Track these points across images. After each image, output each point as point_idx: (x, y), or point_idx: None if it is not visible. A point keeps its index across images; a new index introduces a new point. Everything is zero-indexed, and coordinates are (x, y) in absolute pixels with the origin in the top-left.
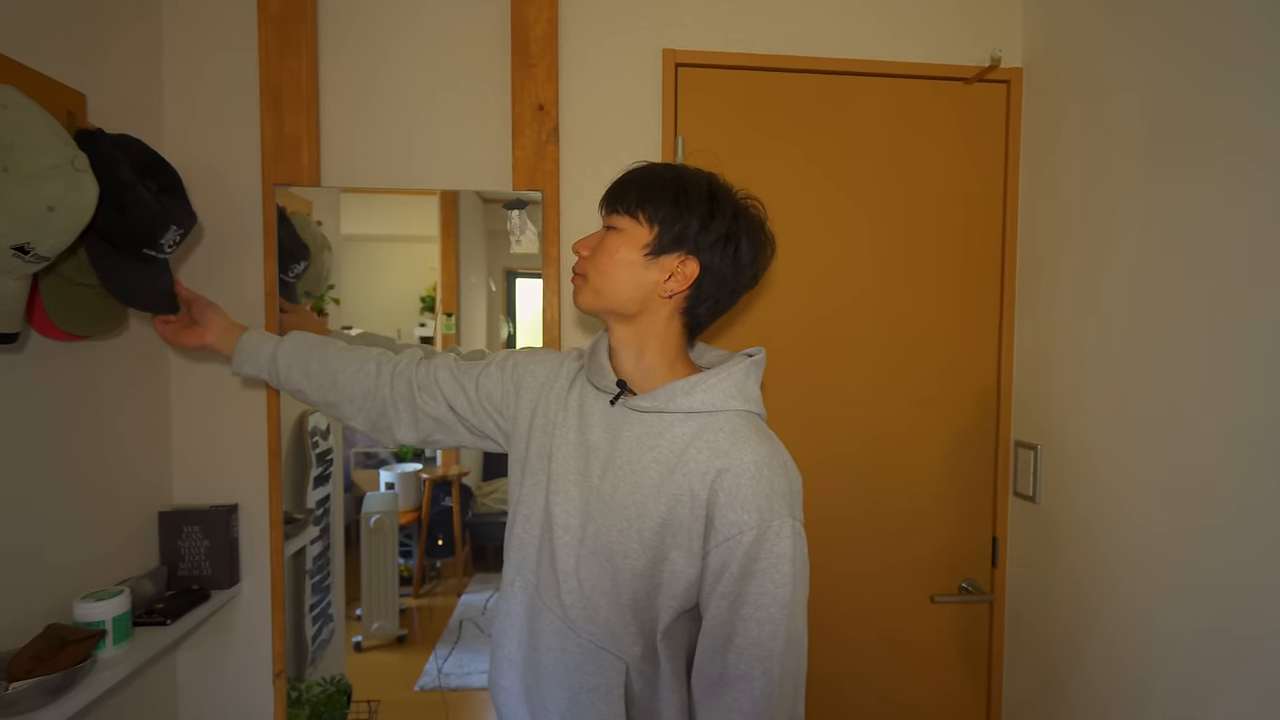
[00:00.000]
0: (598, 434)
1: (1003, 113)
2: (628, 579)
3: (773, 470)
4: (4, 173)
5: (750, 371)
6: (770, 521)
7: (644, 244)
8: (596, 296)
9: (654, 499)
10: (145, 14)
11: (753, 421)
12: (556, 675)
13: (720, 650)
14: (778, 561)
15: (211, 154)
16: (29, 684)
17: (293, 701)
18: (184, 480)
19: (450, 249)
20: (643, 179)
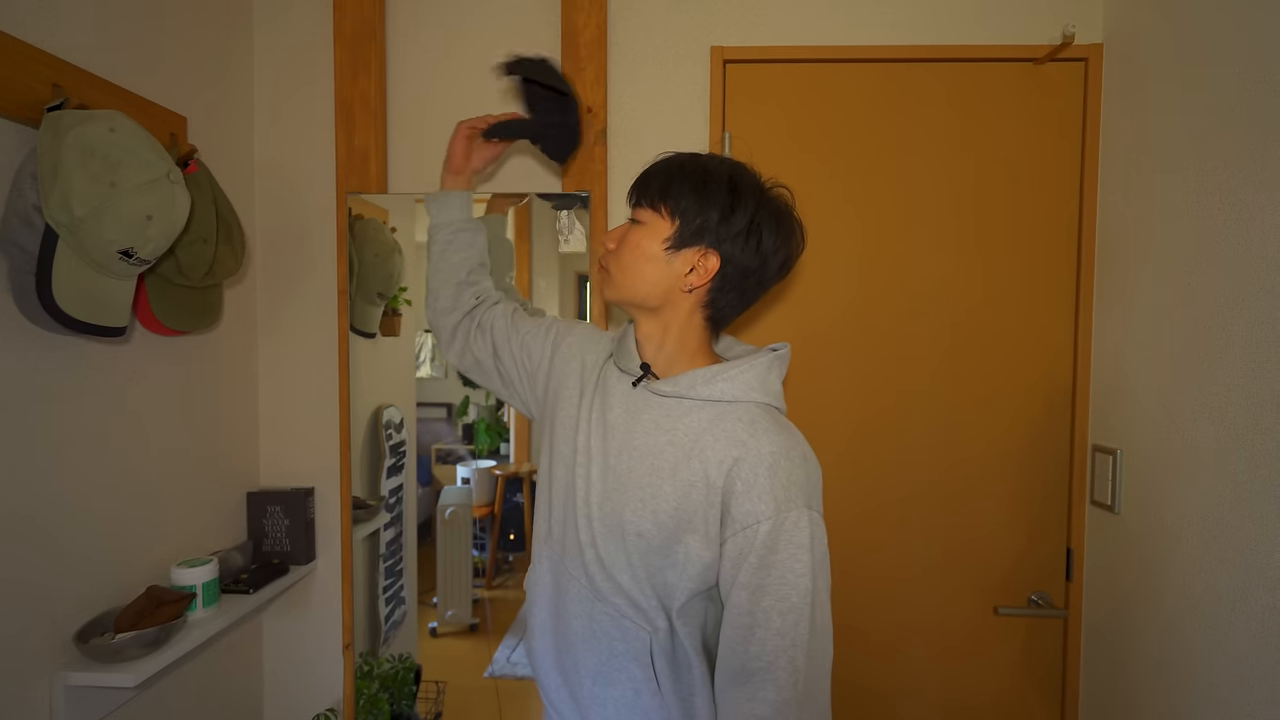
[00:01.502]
0: (617, 414)
1: (1079, 92)
2: (641, 555)
3: (790, 461)
4: (112, 187)
5: (773, 365)
6: (787, 512)
7: (665, 237)
8: (618, 290)
9: (669, 482)
10: (239, 42)
11: (771, 414)
12: (585, 640)
13: (743, 641)
14: (797, 552)
15: (294, 165)
16: (131, 635)
17: (364, 675)
18: (269, 464)
19: (524, 254)
20: (666, 170)
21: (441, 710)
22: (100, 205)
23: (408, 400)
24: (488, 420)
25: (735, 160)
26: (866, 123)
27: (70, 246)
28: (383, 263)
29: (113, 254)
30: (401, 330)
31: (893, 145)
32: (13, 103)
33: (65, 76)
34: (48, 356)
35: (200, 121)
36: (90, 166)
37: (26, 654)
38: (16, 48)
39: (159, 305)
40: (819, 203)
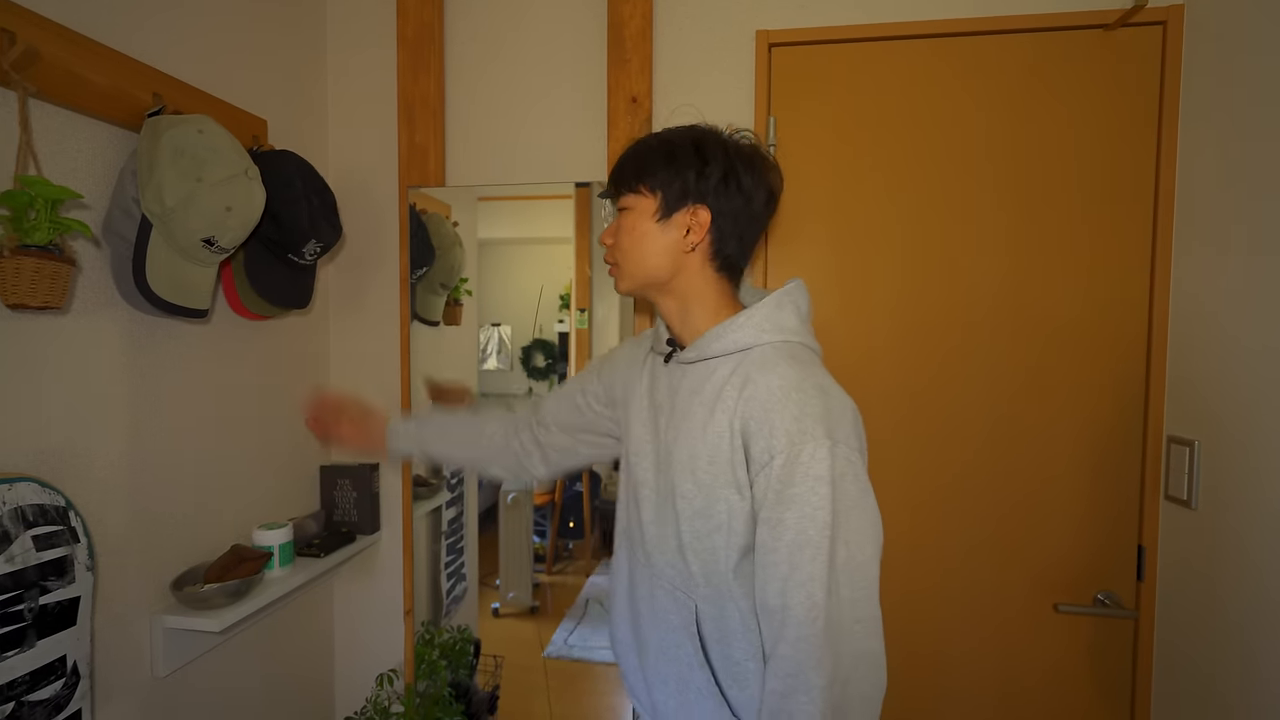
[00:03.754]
0: (663, 393)
1: (1156, 59)
2: (687, 519)
3: (802, 392)
4: (198, 182)
5: (782, 302)
6: (803, 444)
7: (653, 211)
8: (631, 277)
9: (700, 439)
10: (314, 49)
11: (786, 350)
12: (650, 619)
13: (764, 579)
14: (815, 485)
15: (362, 162)
16: (216, 586)
17: (426, 642)
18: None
19: (584, 249)
20: (633, 156)
21: (499, 683)
22: (188, 197)
23: (469, 386)
24: None
25: (693, 125)
26: (918, 101)
27: (161, 235)
28: (445, 255)
29: (197, 242)
30: (463, 320)
31: (947, 124)
32: (122, 111)
33: (163, 86)
34: (145, 336)
35: (279, 123)
36: (180, 164)
37: (132, 597)
38: (126, 63)
39: (245, 292)
40: (869, 185)
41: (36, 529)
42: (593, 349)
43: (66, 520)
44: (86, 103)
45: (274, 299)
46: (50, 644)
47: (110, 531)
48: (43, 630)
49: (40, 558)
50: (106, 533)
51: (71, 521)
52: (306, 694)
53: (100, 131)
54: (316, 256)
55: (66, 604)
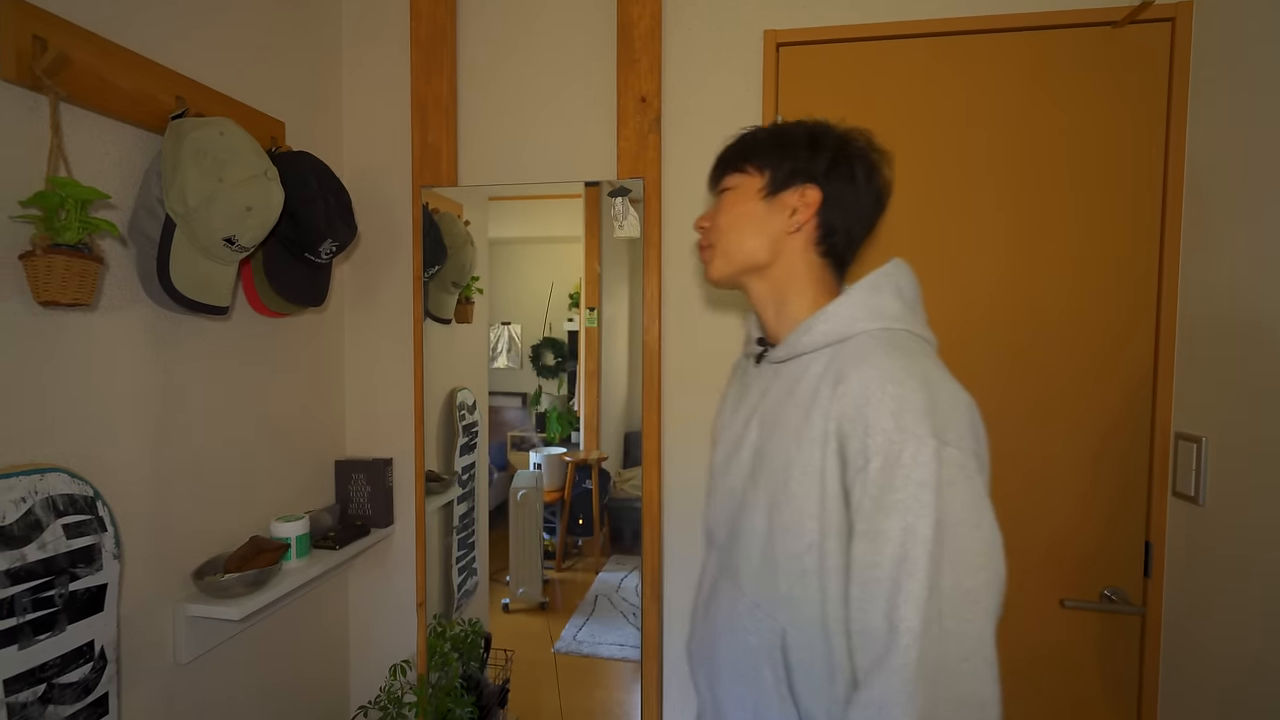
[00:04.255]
0: (754, 396)
1: (1164, 57)
2: (778, 534)
3: (901, 385)
4: (219, 183)
5: (880, 286)
6: (904, 444)
7: (759, 188)
8: (727, 258)
9: (795, 446)
10: (330, 52)
11: (886, 337)
12: (724, 634)
13: (857, 599)
14: (917, 491)
15: (376, 163)
16: (236, 576)
17: (438, 635)
18: (354, 436)
19: (593, 248)
20: (741, 141)
21: (509, 677)
22: (210, 197)
23: (480, 384)
24: (559, 409)
25: (800, 119)
26: (926, 101)
27: (184, 234)
28: (457, 253)
29: (218, 241)
30: (474, 318)
31: (954, 123)
32: (148, 114)
33: (185, 89)
34: (168, 332)
35: (296, 124)
36: (202, 164)
37: (156, 585)
38: (151, 67)
39: (264, 289)
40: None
41: (66, 518)
42: (602, 348)
43: (94, 510)
44: (114, 106)
45: (291, 297)
46: (79, 629)
47: (135, 521)
48: (72, 615)
49: (70, 545)
50: (132, 522)
51: (99, 511)
52: (322, 683)
53: (126, 134)
54: (332, 255)
55: (95, 590)
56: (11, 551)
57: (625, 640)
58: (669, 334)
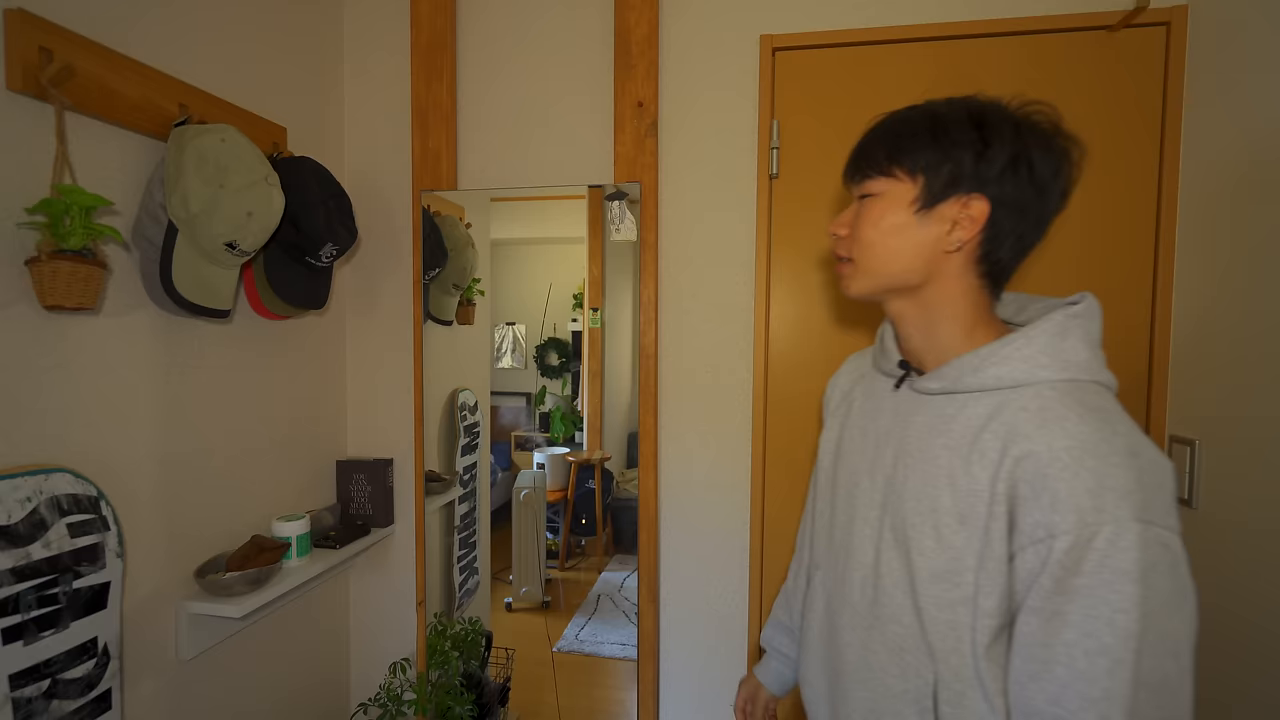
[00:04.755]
0: (887, 420)
1: (1159, 61)
2: (925, 580)
3: (1101, 458)
4: (221, 188)
5: (1069, 329)
6: (1100, 525)
7: (911, 200)
8: (869, 277)
9: (948, 492)
10: (332, 58)
11: (1076, 393)
12: (857, 673)
13: (1033, 677)
14: (1115, 580)
15: (376, 167)
16: (237, 574)
17: (438, 633)
18: (355, 436)
19: (596, 249)
20: (887, 131)
21: (510, 675)
22: (211, 203)
23: (482, 385)
24: (563, 409)
25: (968, 95)
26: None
27: (186, 239)
28: (457, 256)
29: (220, 245)
30: (476, 319)
31: None
32: (151, 122)
33: (188, 97)
34: (171, 335)
35: (298, 130)
36: (204, 171)
37: (158, 583)
38: (154, 76)
39: (265, 292)
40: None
41: (70, 517)
42: (605, 348)
43: (98, 509)
44: (118, 114)
45: (292, 300)
46: (83, 626)
47: (138, 520)
48: (76, 613)
49: (74, 544)
50: (134, 522)
51: (103, 511)
52: (322, 680)
53: (130, 141)
54: (333, 259)
55: (98, 588)
56: (17, 550)
57: (627, 640)
58: (665, 337)
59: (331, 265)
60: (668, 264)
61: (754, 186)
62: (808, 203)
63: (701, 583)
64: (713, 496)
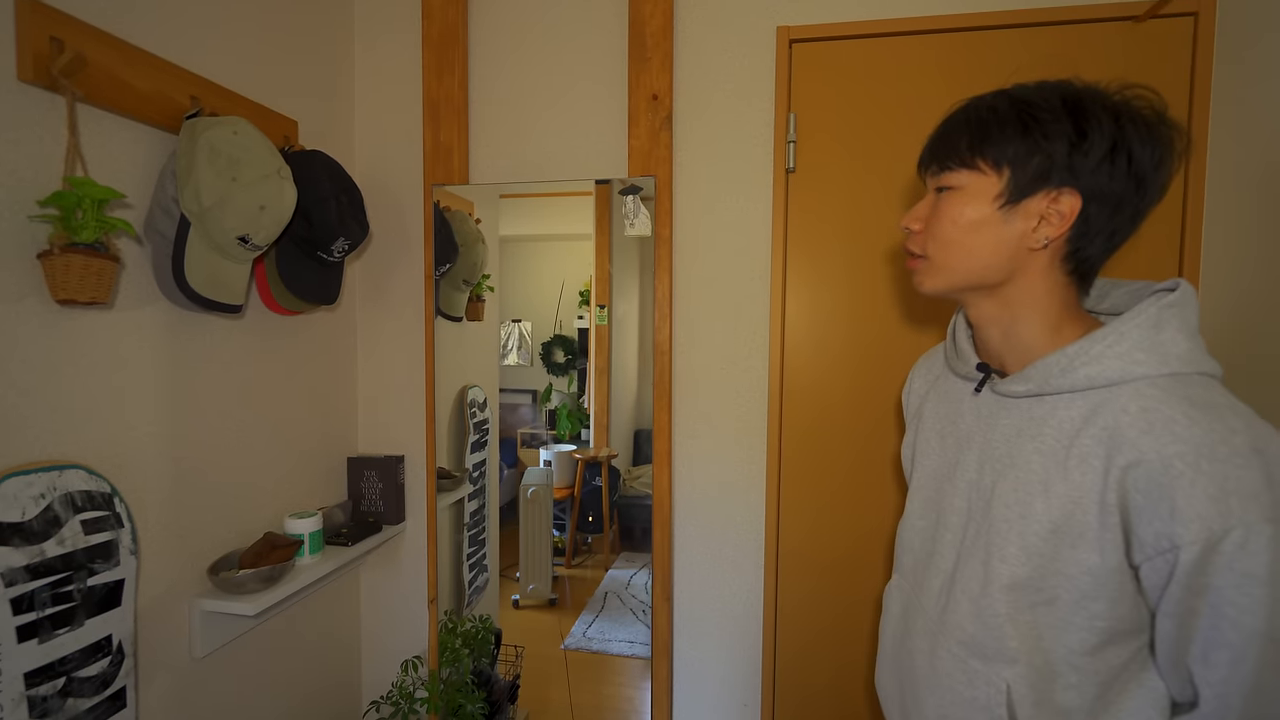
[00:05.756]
0: (969, 423)
1: (1186, 53)
2: (1003, 588)
3: (1219, 461)
4: (233, 182)
5: (1165, 320)
6: (1228, 530)
7: (995, 195)
8: (945, 275)
9: (1041, 499)
10: (343, 52)
11: (1180, 389)
12: (926, 680)
13: (1172, 666)
14: (1241, 582)
15: (387, 161)
16: (250, 572)
17: (449, 631)
18: (366, 433)
19: (604, 245)
20: (970, 118)
21: (520, 672)
22: (224, 197)
23: (491, 382)
24: (569, 407)
25: (1062, 80)
26: (941, 96)
27: (199, 233)
28: (468, 251)
29: (233, 239)
30: (485, 316)
31: None
32: (162, 114)
33: (200, 89)
34: (183, 330)
35: (310, 124)
36: (217, 164)
37: (172, 581)
38: (165, 68)
39: (276, 287)
40: (891, 182)
41: (85, 514)
42: (612, 345)
43: (112, 506)
44: (129, 106)
45: (304, 295)
46: (97, 623)
47: (151, 517)
48: (90, 610)
49: (88, 541)
50: (148, 518)
51: (117, 508)
52: (334, 678)
53: (142, 134)
54: (345, 254)
55: (112, 585)
56: (31, 547)
57: (635, 637)
58: (679, 333)
59: (343, 260)
60: (682, 259)
61: (770, 180)
62: (825, 197)
63: (716, 581)
64: (727, 494)
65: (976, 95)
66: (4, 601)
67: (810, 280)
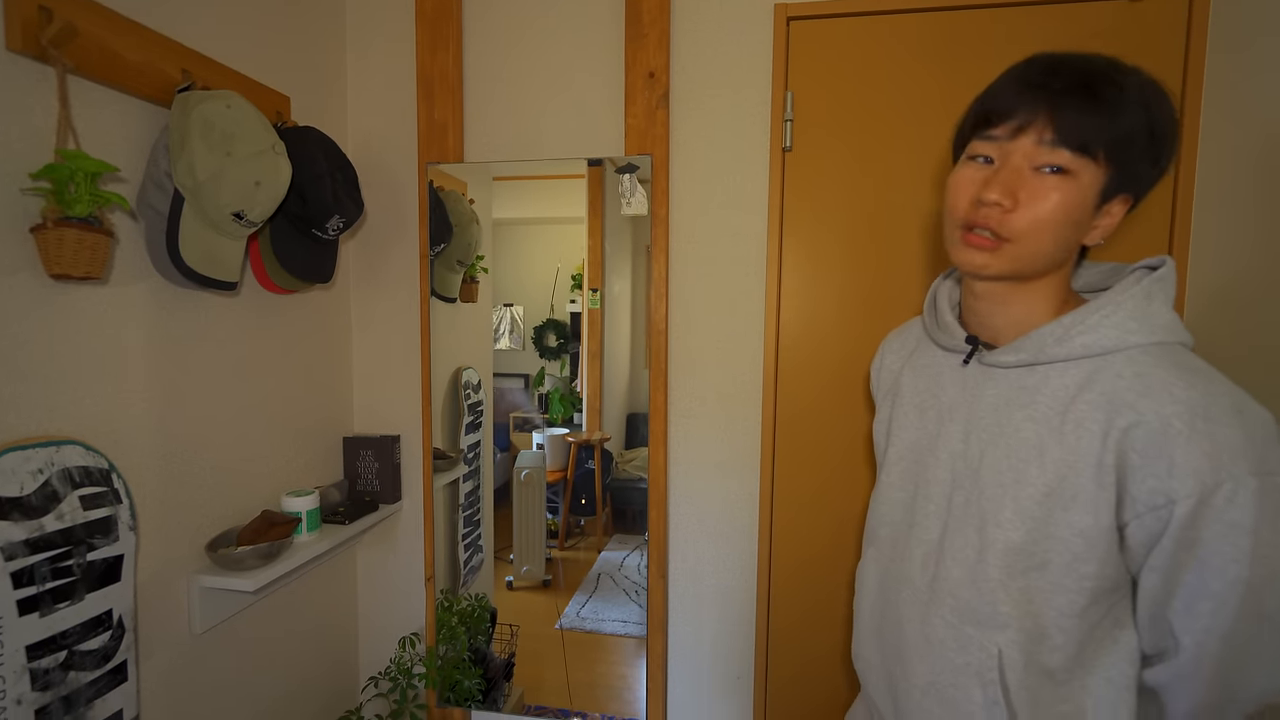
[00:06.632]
0: (952, 395)
1: (1181, 33)
2: (999, 553)
3: (1212, 421)
4: (227, 156)
5: (1153, 293)
6: (1219, 483)
7: (1098, 189)
8: (1021, 262)
9: (1035, 464)
10: (335, 26)
11: (1168, 356)
12: (917, 649)
13: (1151, 621)
14: (1229, 532)
15: (382, 139)
16: (249, 549)
17: (445, 608)
18: (361, 413)
19: (596, 228)
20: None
21: (515, 650)
22: (218, 172)
23: (485, 363)
24: (562, 390)
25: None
26: (938, 75)
27: (193, 208)
28: (462, 232)
29: (227, 215)
30: (479, 297)
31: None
32: (154, 87)
33: (192, 63)
34: (178, 307)
35: (302, 99)
36: (210, 138)
37: (171, 557)
38: (157, 39)
39: (271, 266)
40: (888, 161)
41: (83, 489)
42: (604, 329)
43: (110, 482)
44: (121, 78)
45: (299, 273)
46: (98, 598)
47: (149, 494)
48: (90, 585)
49: (87, 516)
50: (146, 495)
51: (115, 483)
52: (333, 654)
53: (134, 107)
54: (339, 232)
55: (112, 561)
56: (30, 522)
57: (628, 617)
58: (675, 313)
59: (337, 238)
60: (678, 238)
61: (766, 160)
62: (822, 177)
63: (710, 558)
64: (722, 472)
65: (1081, 57)
66: (4, 575)
67: (806, 259)
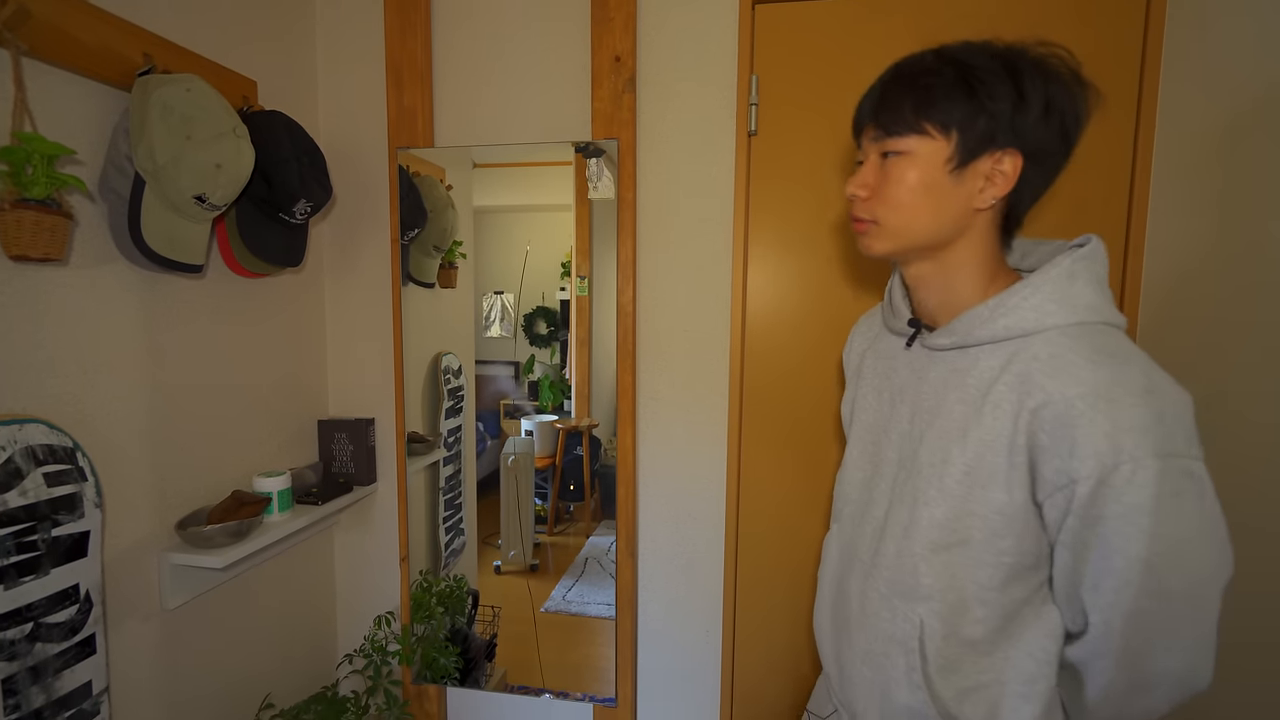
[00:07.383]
0: (903, 377)
1: (1139, 17)
2: (923, 528)
3: (1114, 402)
4: (188, 140)
5: (1075, 272)
6: (1118, 465)
7: (945, 158)
8: (895, 238)
9: (958, 444)
10: (304, 13)
11: (1086, 337)
12: (858, 619)
13: (1066, 599)
14: (1129, 513)
15: (351, 124)
16: (219, 527)
17: (424, 589)
18: (336, 395)
19: (583, 215)
20: (913, 82)
21: (497, 631)
22: (178, 155)
23: (466, 349)
24: (551, 378)
25: (985, 40)
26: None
27: (154, 192)
28: (437, 217)
29: (189, 199)
30: (458, 283)
31: None
32: (113, 70)
33: (153, 46)
34: (144, 289)
35: (269, 84)
36: (170, 121)
37: (140, 535)
38: (116, 23)
39: (239, 249)
40: (851, 149)
41: (46, 467)
42: (593, 315)
43: (74, 460)
44: (78, 62)
45: (267, 257)
46: (64, 572)
47: (117, 472)
48: (56, 560)
49: (51, 493)
50: (113, 473)
51: (79, 462)
52: (309, 632)
53: (93, 91)
54: (308, 216)
55: (78, 537)
56: None
57: (612, 600)
58: (644, 295)
59: (307, 222)
60: (645, 221)
61: (732, 144)
62: (787, 160)
63: (678, 536)
64: (690, 451)
65: (908, 56)
66: None
67: (771, 243)
